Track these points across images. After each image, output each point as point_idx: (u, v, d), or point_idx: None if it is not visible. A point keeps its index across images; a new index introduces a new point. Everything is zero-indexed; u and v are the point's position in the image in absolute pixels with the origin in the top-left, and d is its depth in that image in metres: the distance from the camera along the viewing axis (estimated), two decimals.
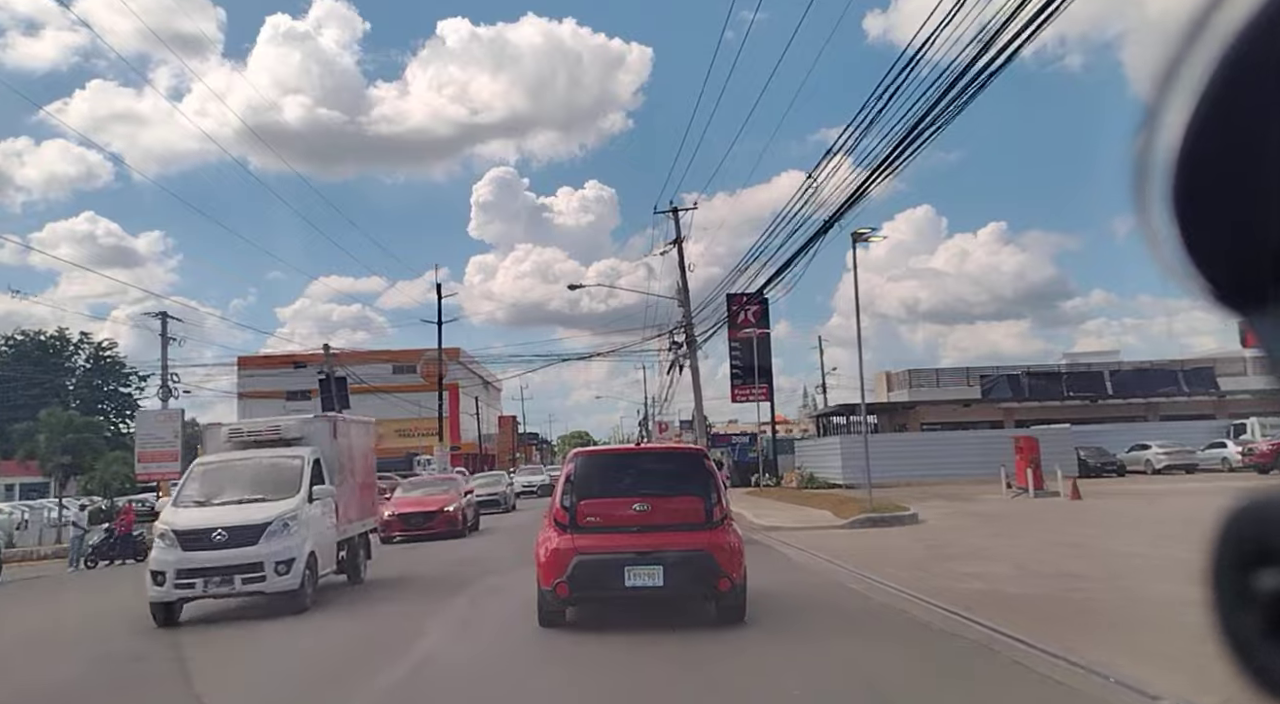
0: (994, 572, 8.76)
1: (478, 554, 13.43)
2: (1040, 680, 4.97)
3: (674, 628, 6.65)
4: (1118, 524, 13.38)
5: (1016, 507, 17.42)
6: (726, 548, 6.54)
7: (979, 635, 6.04)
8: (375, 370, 55.48)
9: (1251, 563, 0.61)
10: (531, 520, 13.48)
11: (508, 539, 15.39)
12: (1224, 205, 0.60)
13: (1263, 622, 0.61)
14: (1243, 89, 0.58)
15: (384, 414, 58.40)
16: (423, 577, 10.94)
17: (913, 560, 9.82)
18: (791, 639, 6.30)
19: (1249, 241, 0.60)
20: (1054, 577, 8.40)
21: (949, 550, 10.61)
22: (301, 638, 7.37)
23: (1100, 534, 12.09)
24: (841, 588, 8.58)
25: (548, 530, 6.86)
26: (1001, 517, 15.19)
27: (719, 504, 6.77)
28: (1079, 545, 10.79)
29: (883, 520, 14.37)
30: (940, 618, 6.69)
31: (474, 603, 8.62)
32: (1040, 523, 13.96)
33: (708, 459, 7.49)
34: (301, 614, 8.15)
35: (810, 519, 15.58)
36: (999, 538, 11.84)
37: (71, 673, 6.54)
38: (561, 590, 6.53)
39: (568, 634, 6.75)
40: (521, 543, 10.16)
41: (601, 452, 9.05)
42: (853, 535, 13.29)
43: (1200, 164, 0.60)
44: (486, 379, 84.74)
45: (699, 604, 6.95)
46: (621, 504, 6.76)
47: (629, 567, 6.39)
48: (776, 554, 11.46)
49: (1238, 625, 0.62)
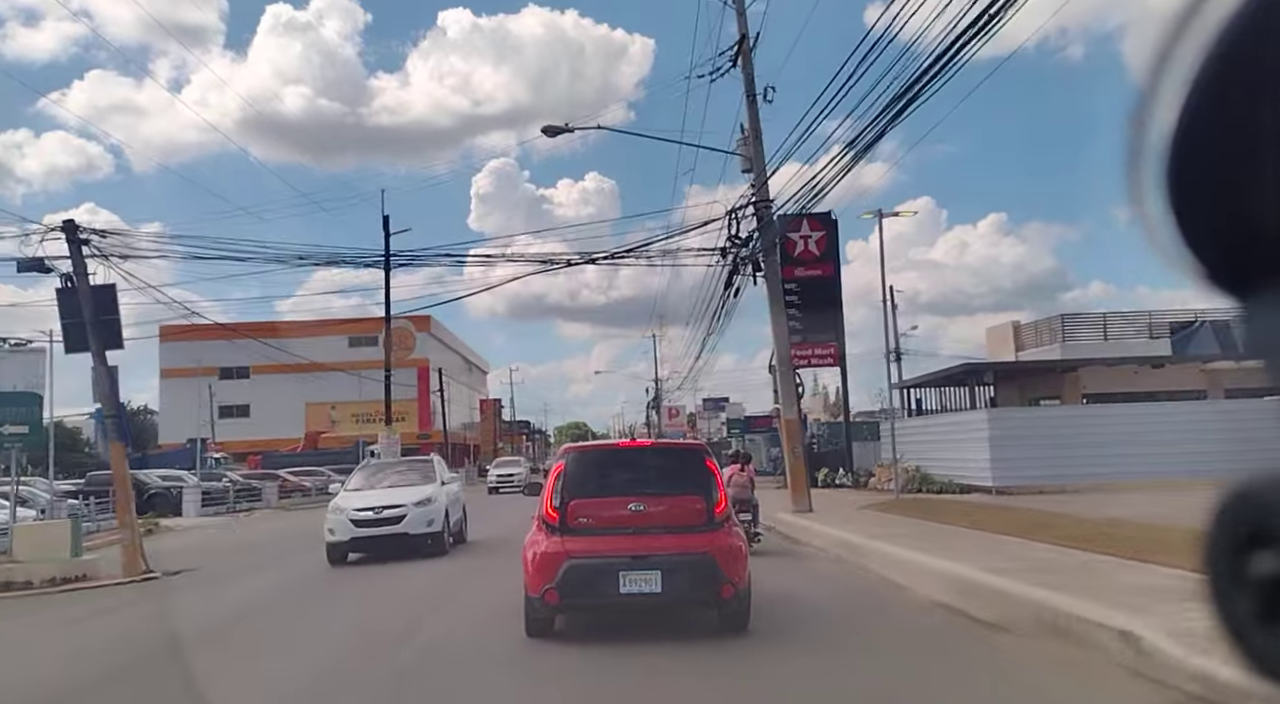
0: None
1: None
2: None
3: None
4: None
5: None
6: (729, 551, 7.29)
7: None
8: (327, 344, 56.28)
9: (1246, 546, 0.72)
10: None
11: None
12: (1216, 190, 0.73)
13: (1257, 604, 0.72)
14: (1233, 76, 0.69)
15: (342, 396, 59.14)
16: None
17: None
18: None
19: (1241, 226, 0.71)
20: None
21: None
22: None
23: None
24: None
25: (536, 533, 7.60)
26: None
27: (720, 503, 7.54)
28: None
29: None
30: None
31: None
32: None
33: (709, 455, 8.22)
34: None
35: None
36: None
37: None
38: (550, 598, 7.20)
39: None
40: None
41: (594, 447, 9.92)
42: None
43: (1192, 150, 0.71)
44: (469, 358, 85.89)
45: (699, 612, 7.74)
46: (616, 504, 7.53)
47: (624, 572, 7.08)
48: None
49: (1233, 608, 0.74)
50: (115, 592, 12.95)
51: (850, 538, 12.95)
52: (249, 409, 62.21)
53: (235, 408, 61.80)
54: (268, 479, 38.45)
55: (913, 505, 17.68)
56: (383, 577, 13.00)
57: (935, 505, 17.33)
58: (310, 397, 59.22)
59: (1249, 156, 0.69)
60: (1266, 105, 0.68)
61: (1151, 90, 0.72)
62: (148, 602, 12.08)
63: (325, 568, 14.04)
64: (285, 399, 58.98)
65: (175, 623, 9.96)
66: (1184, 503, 10.57)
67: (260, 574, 14.46)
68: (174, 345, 54.45)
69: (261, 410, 60.91)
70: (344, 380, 52.67)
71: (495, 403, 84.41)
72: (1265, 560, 0.71)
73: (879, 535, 12.68)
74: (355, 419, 53.92)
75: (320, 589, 12.36)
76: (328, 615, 10.21)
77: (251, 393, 62.09)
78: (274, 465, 44.93)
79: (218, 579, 13.98)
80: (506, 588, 8.64)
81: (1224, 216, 0.73)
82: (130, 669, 7.80)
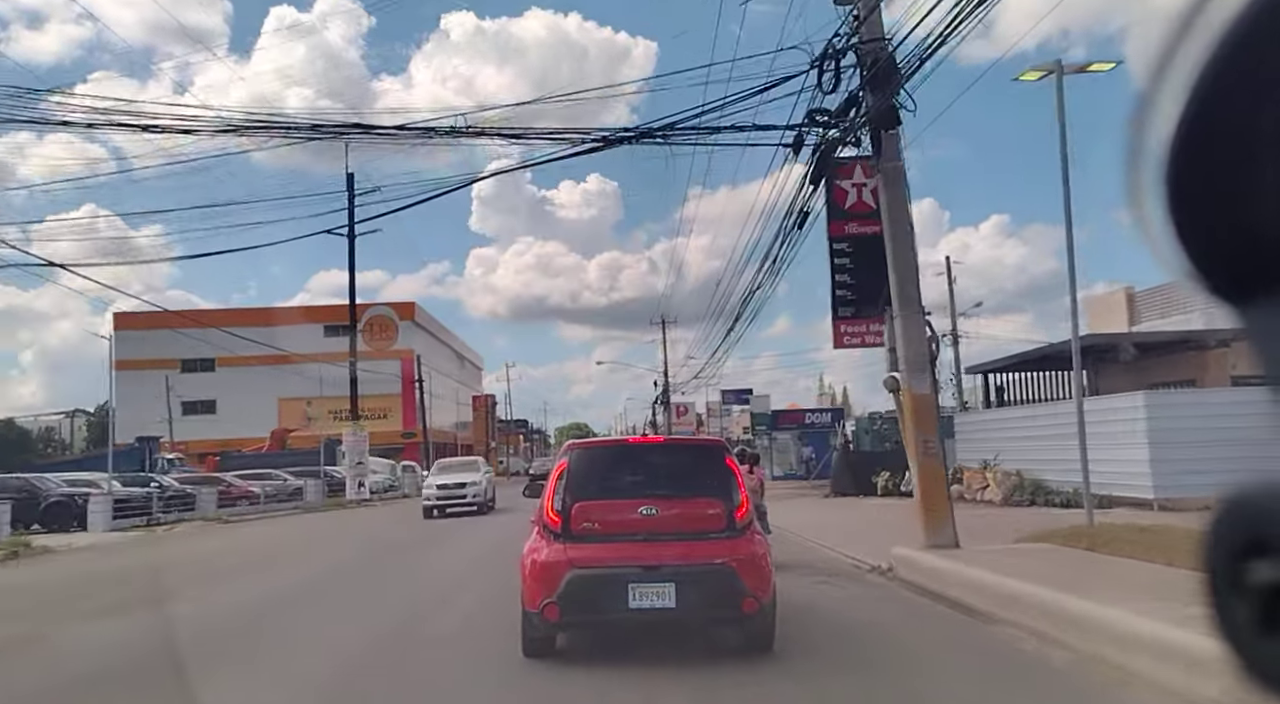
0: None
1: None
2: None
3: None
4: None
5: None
6: (752, 560, 7.17)
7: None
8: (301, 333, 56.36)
9: (1244, 554, 0.78)
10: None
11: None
12: (1216, 197, 0.77)
13: (1255, 612, 0.78)
14: (1234, 81, 0.73)
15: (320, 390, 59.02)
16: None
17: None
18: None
19: (1241, 233, 0.76)
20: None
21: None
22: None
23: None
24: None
25: (536, 539, 7.49)
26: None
27: (742, 507, 7.43)
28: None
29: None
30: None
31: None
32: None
33: (728, 453, 8.13)
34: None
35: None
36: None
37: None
38: (550, 613, 7.05)
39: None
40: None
41: (601, 444, 9.77)
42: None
43: (1193, 156, 0.76)
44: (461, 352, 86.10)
45: (718, 629, 7.66)
46: (625, 507, 7.43)
47: (634, 584, 6.95)
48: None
49: (1231, 615, 0.80)
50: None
51: (1125, 624, 6.96)
52: (215, 405, 62.25)
53: (200, 404, 61.93)
54: (208, 484, 34.85)
55: (1113, 538, 11.44)
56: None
57: (1148, 538, 10.97)
58: (284, 391, 59.22)
59: (1250, 162, 0.74)
60: (1268, 111, 0.72)
61: (1152, 93, 0.77)
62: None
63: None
64: (256, 394, 58.90)
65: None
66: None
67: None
68: (132, 335, 54.34)
69: (229, 406, 60.87)
70: (322, 373, 52.62)
71: (489, 399, 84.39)
72: (1263, 569, 0.77)
73: (1158, 613, 6.80)
74: (334, 415, 53.62)
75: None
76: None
77: (218, 387, 62.09)
78: (235, 467, 42.56)
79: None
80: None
81: (1224, 222, 0.77)
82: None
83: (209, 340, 47.59)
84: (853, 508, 24.20)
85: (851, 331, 23.63)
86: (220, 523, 29.52)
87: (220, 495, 33.03)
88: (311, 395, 58.04)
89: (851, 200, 23.14)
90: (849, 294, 23.26)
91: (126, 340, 58.71)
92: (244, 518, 31.51)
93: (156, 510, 28.72)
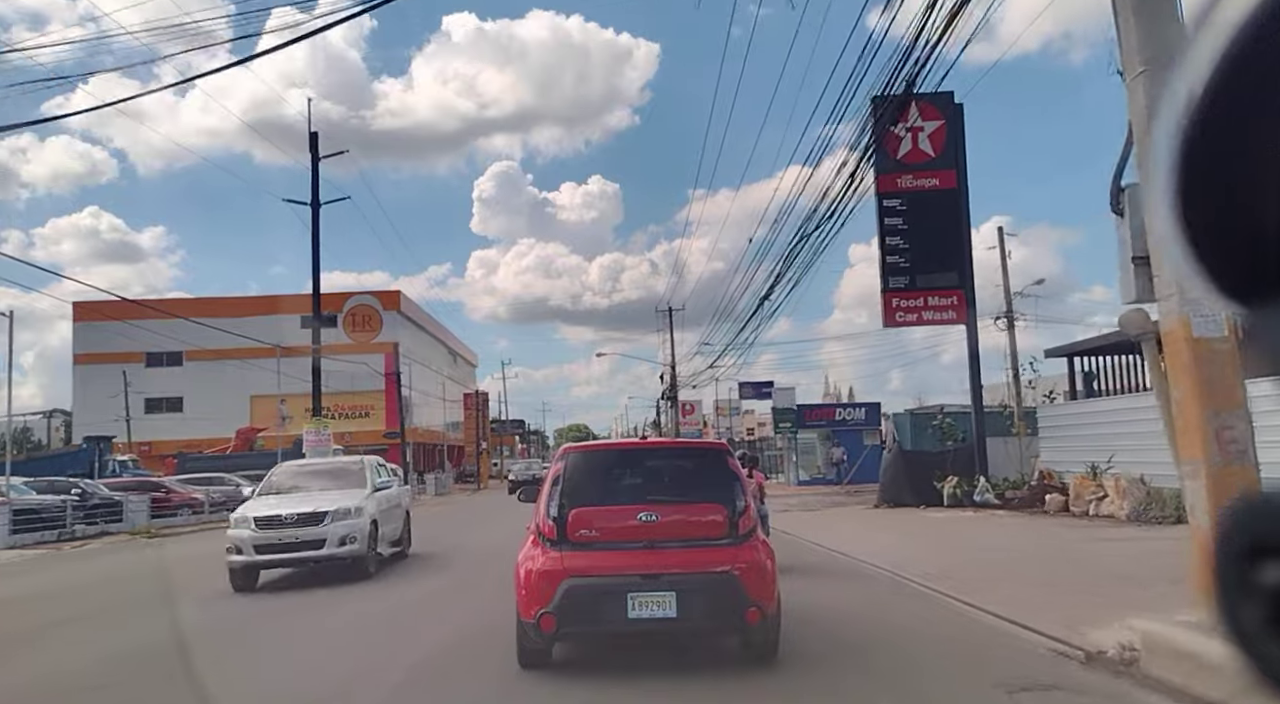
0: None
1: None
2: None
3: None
4: None
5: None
6: (756, 568, 7.53)
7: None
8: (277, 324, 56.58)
9: (1254, 555, 0.84)
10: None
11: None
12: (1223, 199, 0.82)
13: (1266, 613, 0.83)
14: (1241, 84, 0.78)
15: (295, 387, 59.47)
16: None
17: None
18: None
19: (1249, 235, 0.81)
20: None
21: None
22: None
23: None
24: None
25: (530, 546, 7.83)
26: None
27: (746, 513, 7.80)
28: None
29: None
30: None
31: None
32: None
33: (731, 456, 8.47)
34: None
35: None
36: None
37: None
38: (546, 624, 7.36)
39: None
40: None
41: (599, 447, 10.15)
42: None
43: (1200, 158, 0.81)
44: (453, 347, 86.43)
45: (721, 640, 8.04)
46: (624, 513, 7.79)
47: (633, 594, 7.28)
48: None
49: (1241, 617, 0.85)
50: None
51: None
52: (182, 402, 62.41)
53: (166, 401, 62.15)
54: (139, 490, 32.65)
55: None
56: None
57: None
58: (257, 388, 59.36)
59: (1258, 164, 0.80)
60: (1275, 112, 0.78)
61: (1159, 97, 0.85)
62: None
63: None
64: (226, 390, 58.92)
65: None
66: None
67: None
68: (92, 326, 54.67)
69: (198, 403, 60.94)
70: (301, 368, 52.83)
71: (480, 396, 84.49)
72: (1273, 570, 0.83)
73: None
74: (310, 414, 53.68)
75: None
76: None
77: (186, 383, 62.25)
78: (194, 469, 42.03)
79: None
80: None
81: (1232, 224, 0.83)
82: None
83: (176, 333, 47.78)
84: (927, 524, 20.38)
85: (906, 306, 22.02)
86: (147, 537, 27.52)
87: (157, 504, 31.58)
88: (287, 392, 58.27)
89: (905, 149, 21.45)
90: (902, 261, 21.59)
91: (88, 332, 58.89)
92: (177, 531, 29.80)
93: (72, 522, 27.08)
